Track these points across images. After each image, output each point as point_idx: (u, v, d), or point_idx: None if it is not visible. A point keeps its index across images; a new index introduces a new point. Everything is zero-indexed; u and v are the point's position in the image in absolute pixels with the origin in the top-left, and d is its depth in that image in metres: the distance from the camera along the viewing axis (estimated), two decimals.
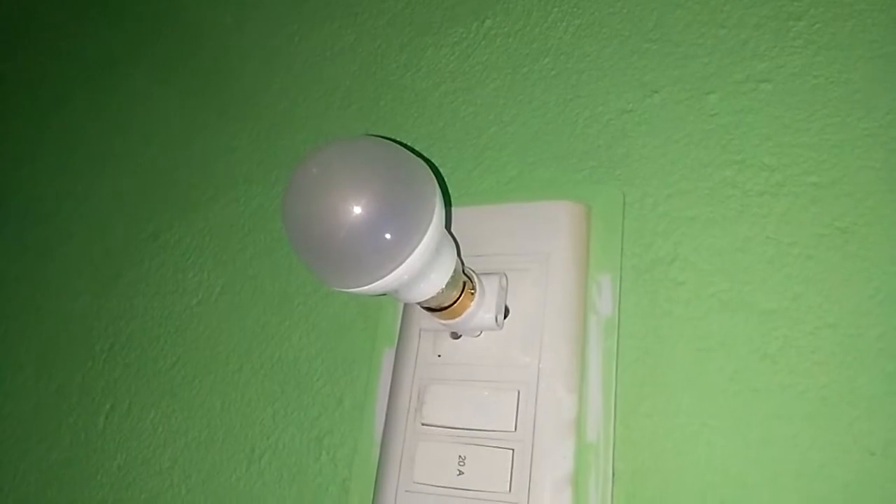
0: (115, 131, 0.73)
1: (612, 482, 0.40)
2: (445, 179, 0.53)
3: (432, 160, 0.53)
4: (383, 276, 0.33)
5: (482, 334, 0.44)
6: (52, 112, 0.79)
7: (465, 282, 0.40)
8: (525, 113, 0.52)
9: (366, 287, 0.33)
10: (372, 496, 0.44)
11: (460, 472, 0.41)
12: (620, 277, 0.44)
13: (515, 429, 0.41)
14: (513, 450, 0.40)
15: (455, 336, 0.44)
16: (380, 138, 0.35)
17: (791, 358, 0.39)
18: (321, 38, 0.64)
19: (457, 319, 0.41)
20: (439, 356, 0.44)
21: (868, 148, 0.41)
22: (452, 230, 0.46)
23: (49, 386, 0.63)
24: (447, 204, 0.44)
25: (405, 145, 0.37)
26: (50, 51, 0.83)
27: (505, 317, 0.43)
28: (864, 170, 0.41)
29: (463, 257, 0.44)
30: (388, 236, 0.33)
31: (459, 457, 0.41)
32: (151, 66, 0.74)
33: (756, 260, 0.41)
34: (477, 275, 0.42)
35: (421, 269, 0.34)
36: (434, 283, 0.37)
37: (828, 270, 0.40)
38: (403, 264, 0.33)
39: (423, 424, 0.43)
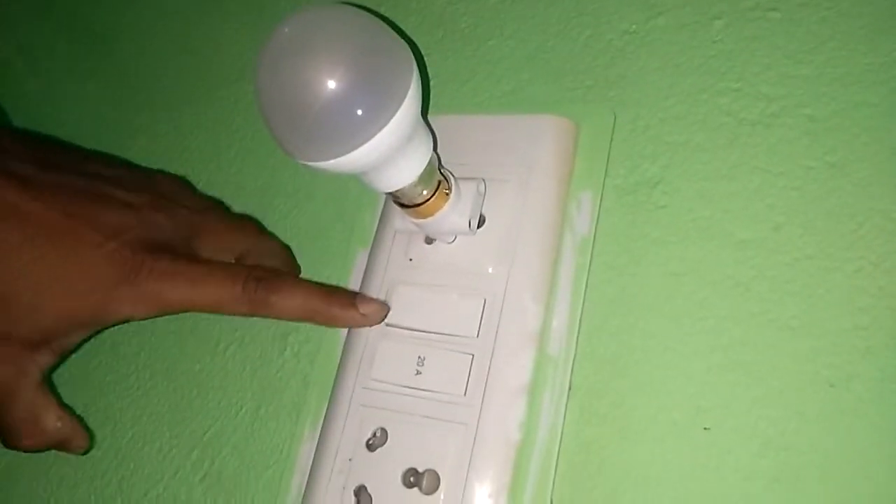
0: (109, 23, 0.71)
1: (568, 396, 0.39)
2: (438, 90, 0.51)
3: (427, 69, 0.52)
4: (349, 152, 0.32)
5: (456, 241, 0.43)
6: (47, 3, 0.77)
7: (440, 181, 0.40)
8: (526, 28, 0.51)
9: (331, 161, 0.32)
10: (330, 391, 0.44)
11: (418, 373, 0.40)
12: (602, 196, 0.43)
13: (478, 335, 0.40)
14: (472, 355, 0.40)
15: (429, 241, 0.44)
16: (362, 10, 0.34)
17: (763, 287, 0.38)
18: None
19: (428, 219, 0.40)
20: (411, 260, 0.44)
21: (869, 84, 0.40)
22: (437, 137, 0.45)
23: None
24: (426, 91, 0.43)
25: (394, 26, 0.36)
26: None
27: (480, 225, 0.43)
28: (862, 106, 0.39)
29: (444, 164, 0.43)
30: (359, 112, 0.32)
31: (419, 357, 0.41)
32: None
33: (741, 188, 0.40)
34: (454, 177, 0.41)
35: (390, 152, 0.33)
36: (405, 173, 0.36)
37: (812, 203, 0.38)
38: (371, 141, 0.32)
39: (386, 325, 0.43)
